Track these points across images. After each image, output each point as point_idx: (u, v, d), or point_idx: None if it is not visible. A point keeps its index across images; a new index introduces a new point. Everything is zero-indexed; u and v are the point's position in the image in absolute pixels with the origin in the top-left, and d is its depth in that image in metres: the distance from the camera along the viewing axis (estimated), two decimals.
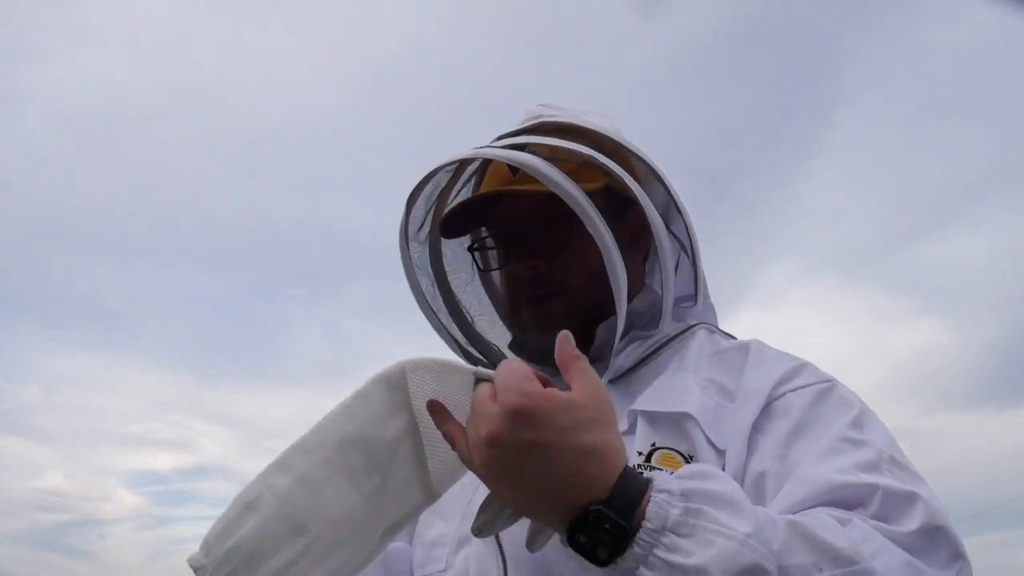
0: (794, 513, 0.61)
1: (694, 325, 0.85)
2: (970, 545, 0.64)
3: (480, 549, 0.73)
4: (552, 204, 0.77)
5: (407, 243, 0.90)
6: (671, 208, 0.85)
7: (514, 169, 0.82)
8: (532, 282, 0.83)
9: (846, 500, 0.61)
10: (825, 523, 0.58)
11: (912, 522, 0.60)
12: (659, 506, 0.52)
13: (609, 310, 0.79)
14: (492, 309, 0.96)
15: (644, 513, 0.51)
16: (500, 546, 0.72)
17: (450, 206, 0.92)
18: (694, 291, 0.89)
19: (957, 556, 0.61)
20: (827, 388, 0.73)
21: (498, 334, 0.95)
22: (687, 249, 0.87)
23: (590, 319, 0.82)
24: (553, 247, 0.82)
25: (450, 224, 0.89)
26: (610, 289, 0.77)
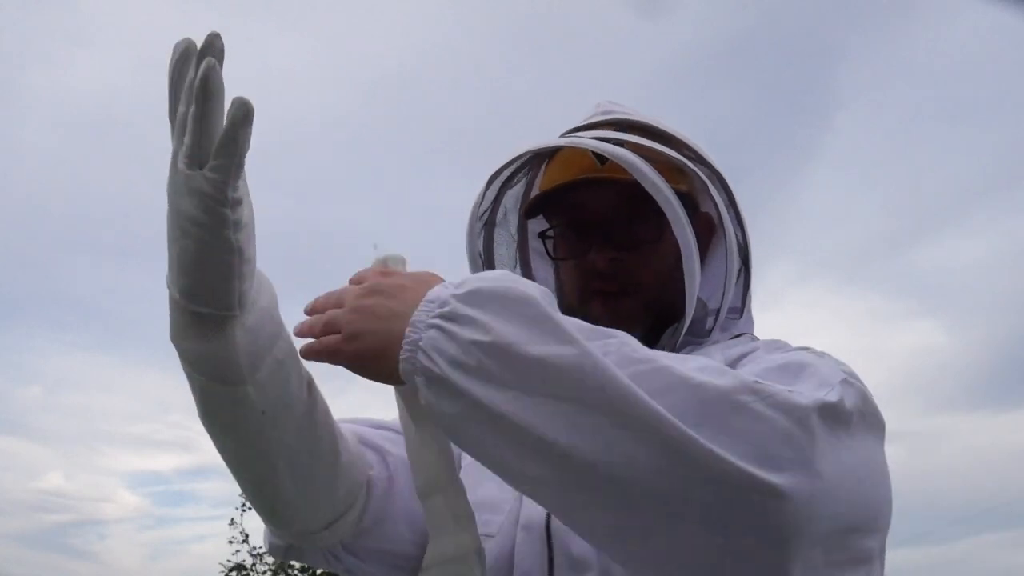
0: None
1: (738, 335, 0.86)
2: (970, 545, 0.62)
3: (524, 538, 0.73)
4: (640, 198, 0.76)
5: (475, 224, 0.88)
6: (731, 216, 0.85)
7: (601, 158, 0.81)
8: (609, 276, 0.81)
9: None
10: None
11: (764, 364, 0.63)
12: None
13: (672, 315, 0.80)
14: None
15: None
16: (549, 540, 0.72)
17: (555, 187, 0.88)
18: (741, 304, 0.89)
19: (825, 384, 0.60)
20: (799, 352, 0.72)
21: None
22: (747, 261, 0.87)
23: (658, 322, 0.82)
24: (637, 241, 0.81)
25: (535, 205, 0.88)
26: (678, 293, 0.77)
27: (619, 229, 0.81)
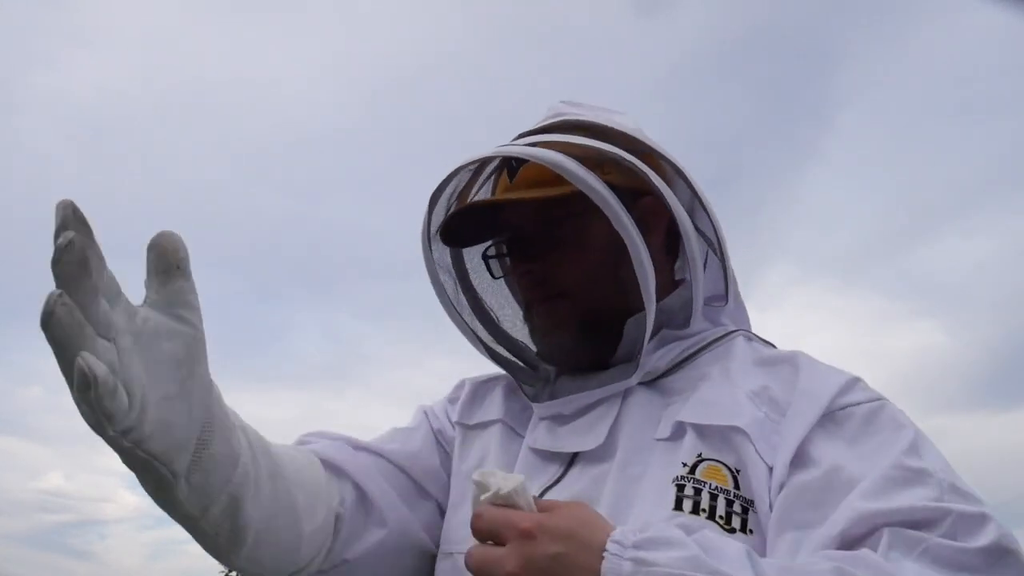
0: (849, 544, 0.61)
1: (732, 331, 0.84)
2: None
3: None
4: (546, 208, 0.78)
5: (429, 243, 0.88)
6: (696, 205, 0.84)
7: (512, 175, 0.83)
8: (532, 286, 0.84)
9: (912, 522, 0.61)
10: (869, 562, 0.58)
11: (981, 540, 0.59)
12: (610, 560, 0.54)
13: (635, 306, 0.78)
14: (515, 308, 0.95)
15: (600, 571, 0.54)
16: None
17: (449, 214, 0.90)
18: (724, 290, 0.87)
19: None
20: (878, 407, 0.72)
21: (522, 332, 0.93)
22: (714, 246, 0.85)
23: (605, 320, 0.81)
24: (546, 249, 0.82)
25: (454, 234, 0.88)
26: (625, 284, 0.76)
27: (533, 240, 0.83)
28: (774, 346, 0.85)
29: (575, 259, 0.81)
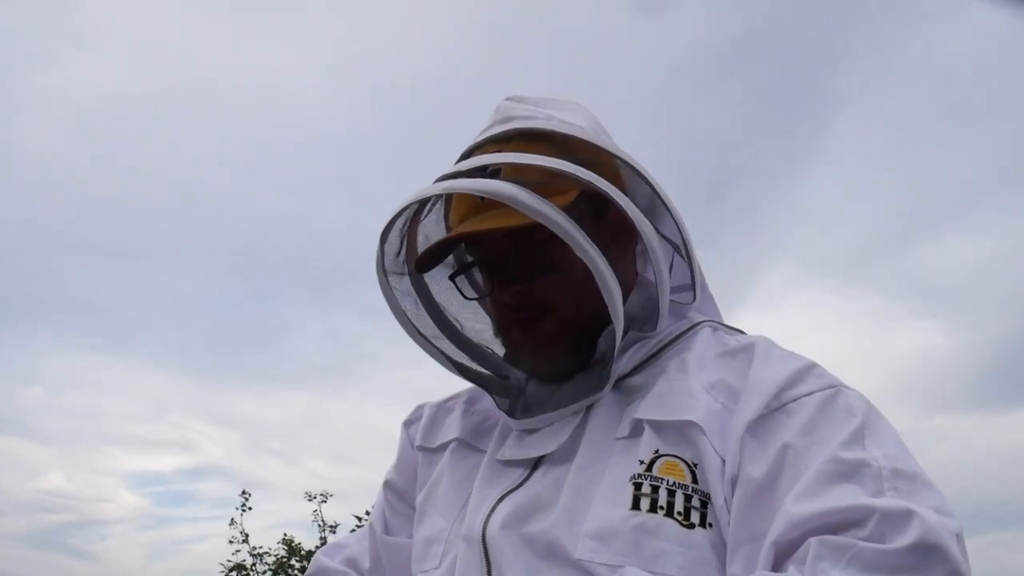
0: (782, 551, 0.61)
1: (697, 324, 0.83)
2: (970, 545, 0.61)
3: (466, 552, 0.73)
4: (527, 231, 0.74)
5: (385, 275, 0.86)
6: (656, 203, 0.81)
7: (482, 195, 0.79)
8: (518, 306, 0.80)
9: (839, 524, 0.60)
10: None
11: (904, 539, 0.58)
12: None
13: (607, 318, 0.77)
14: (482, 319, 0.93)
15: None
16: (486, 551, 0.72)
17: (415, 240, 0.88)
18: (691, 281, 0.85)
19: (945, 504, 0.59)
20: (831, 395, 0.69)
21: (491, 343, 0.92)
22: (678, 245, 0.83)
23: (586, 332, 0.80)
24: (534, 272, 0.79)
25: (425, 258, 0.85)
26: (601, 297, 0.74)
27: (517, 263, 0.80)
28: (744, 332, 0.83)
29: (558, 280, 0.79)
